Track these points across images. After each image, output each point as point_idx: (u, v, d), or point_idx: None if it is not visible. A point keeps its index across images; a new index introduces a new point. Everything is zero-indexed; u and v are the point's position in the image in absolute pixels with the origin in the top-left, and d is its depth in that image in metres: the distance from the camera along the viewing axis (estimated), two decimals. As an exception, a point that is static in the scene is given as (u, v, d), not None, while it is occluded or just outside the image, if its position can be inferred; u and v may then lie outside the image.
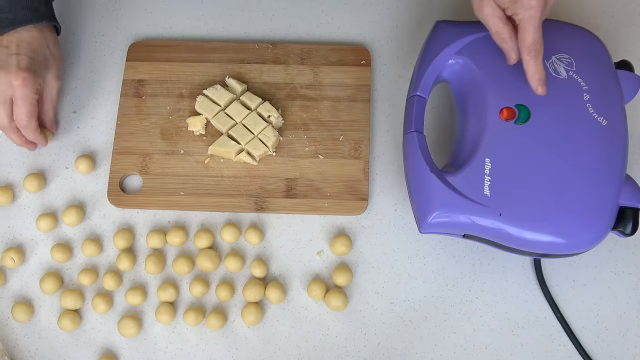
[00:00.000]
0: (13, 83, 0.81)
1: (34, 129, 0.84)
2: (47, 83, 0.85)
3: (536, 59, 0.75)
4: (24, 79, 0.81)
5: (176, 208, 0.87)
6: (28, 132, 0.84)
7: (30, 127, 0.83)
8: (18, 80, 0.80)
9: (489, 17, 0.77)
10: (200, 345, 0.82)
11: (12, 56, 0.81)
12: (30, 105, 0.82)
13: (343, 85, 0.91)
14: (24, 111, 0.82)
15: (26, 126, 0.83)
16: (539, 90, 0.76)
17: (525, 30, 0.74)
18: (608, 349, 0.81)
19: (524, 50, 0.75)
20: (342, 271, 0.83)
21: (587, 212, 0.74)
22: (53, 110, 0.87)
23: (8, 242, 0.87)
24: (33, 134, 0.84)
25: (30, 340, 0.83)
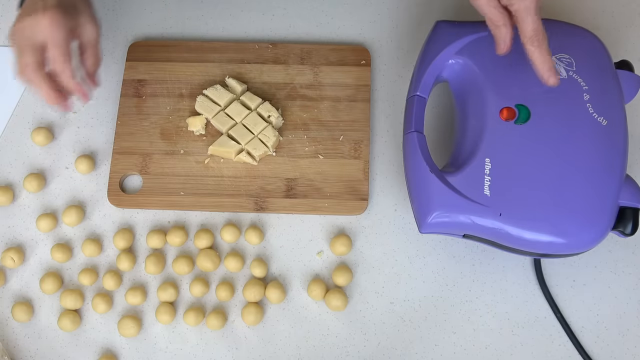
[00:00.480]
0: (42, 24, 0.72)
1: (69, 75, 0.74)
2: (82, 26, 0.76)
3: (540, 48, 0.73)
4: (52, 18, 0.72)
5: (176, 208, 0.87)
6: (63, 77, 0.75)
7: (65, 73, 0.74)
8: (46, 19, 0.72)
9: (484, 6, 0.75)
10: (200, 345, 0.82)
11: (39, 1, 0.73)
12: (64, 46, 0.73)
13: (343, 85, 0.91)
14: (57, 53, 0.73)
15: (62, 71, 0.74)
16: (550, 80, 0.74)
17: (524, 20, 0.73)
18: (608, 349, 0.81)
19: (527, 41, 0.73)
20: (342, 271, 0.83)
21: (587, 212, 0.74)
22: (94, 57, 0.78)
23: (8, 242, 0.87)
24: (68, 81, 0.75)
25: (30, 340, 0.83)
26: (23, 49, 0.75)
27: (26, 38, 0.74)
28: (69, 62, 0.75)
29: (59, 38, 0.73)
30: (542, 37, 0.73)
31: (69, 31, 0.74)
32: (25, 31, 0.74)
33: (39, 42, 0.74)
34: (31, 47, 0.74)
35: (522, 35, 0.74)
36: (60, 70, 0.75)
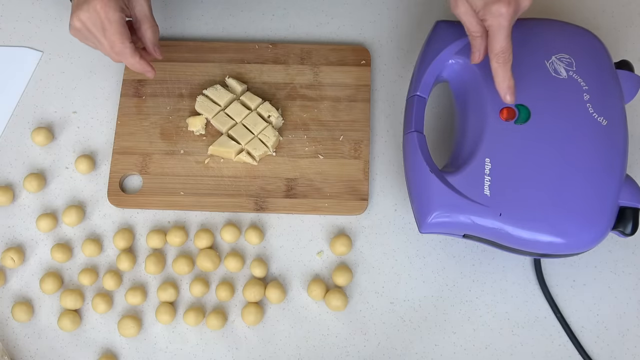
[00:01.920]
0: (96, 8, 0.75)
1: (130, 53, 0.77)
2: (136, 7, 0.79)
3: (505, 66, 0.75)
4: (103, 2, 0.75)
5: (176, 208, 0.87)
6: (126, 58, 0.78)
7: (126, 52, 0.77)
8: (98, 3, 0.75)
9: (463, 15, 0.76)
10: (200, 345, 0.82)
11: None
12: (119, 26, 0.76)
13: (343, 85, 0.91)
14: (113, 33, 0.76)
15: (121, 51, 0.77)
16: (507, 98, 0.76)
17: (494, 37, 0.74)
18: (608, 349, 0.81)
19: (493, 56, 0.75)
20: (342, 271, 0.83)
21: (587, 212, 0.74)
22: (151, 30, 0.80)
23: (8, 242, 0.87)
24: (131, 59, 0.78)
25: (30, 340, 0.83)
26: (98, 37, 0.78)
27: (92, 26, 0.77)
28: (126, 39, 0.77)
29: (113, 18, 0.76)
30: (508, 57, 0.75)
31: (121, 10, 0.77)
32: (88, 22, 0.76)
33: (100, 24, 0.76)
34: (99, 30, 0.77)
35: (490, 49, 0.75)
36: (119, 51, 0.77)
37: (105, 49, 0.78)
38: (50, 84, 0.93)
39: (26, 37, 0.96)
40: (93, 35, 0.78)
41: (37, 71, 0.94)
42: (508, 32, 0.74)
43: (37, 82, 0.94)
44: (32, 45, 0.95)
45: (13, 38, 0.96)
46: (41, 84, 0.93)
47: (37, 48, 0.95)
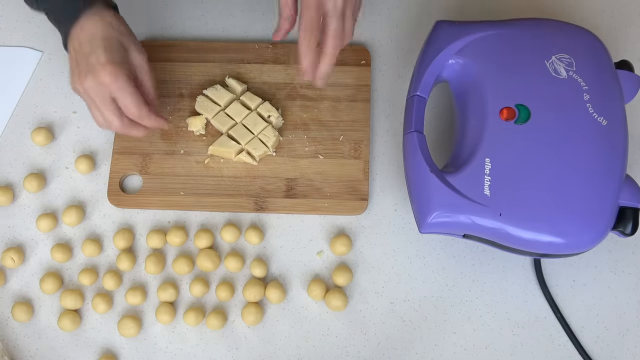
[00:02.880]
0: (104, 81, 0.76)
1: (147, 114, 0.78)
2: (134, 63, 0.80)
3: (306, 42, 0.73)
4: (111, 73, 0.75)
5: (176, 208, 0.87)
6: (144, 120, 0.79)
7: (143, 115, 0.78)
8: (106, 76, 0.75)
9: None
10: (200, 345, 0.82)
11: (90, 55, 0.76)
12: (132, 94, 0.77)
13: (343, 85, 0.91)
14: (129, 102, 0.77)
15: (139, 116, 0.78)
16: (305, 76, 0.76)
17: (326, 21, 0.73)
18: (608, 349, 0.81)
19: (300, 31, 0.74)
20: (342, 271, 0.83)
21: (587, 212, 0.74)
22: (152, 86, 0.82)
23: (8, 242, 0.87)
24: (149, 120, 0.79)
25: (30, 340, 0.83)
26: (98, 105, 0.78)
27: (95, 95, 0.77)
28: (142, 104, 0.78)
29: (124, 87, 0.76)
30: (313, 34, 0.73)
31: (128, 77, 0.77)
32: (92, 91, 0.77)
33: (107, 96, 0.77)
34: (104, 102, 0.77)
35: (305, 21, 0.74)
36: (137, 116, 0.78)
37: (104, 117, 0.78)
38: (50, 84, 0.93)
39: (26, 37, 0.96)
40: (93, 103, 0.78)
41: (37, 71, 0.94)
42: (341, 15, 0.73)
43: (37, 82, 0.94)
44: (32, 45, 0.95)
45: (13, 38, 0.96)
46: (41, 84, 0.93)
47: (37, 48, 0.95)
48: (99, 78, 0.76)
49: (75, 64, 0.78)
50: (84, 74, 0.76)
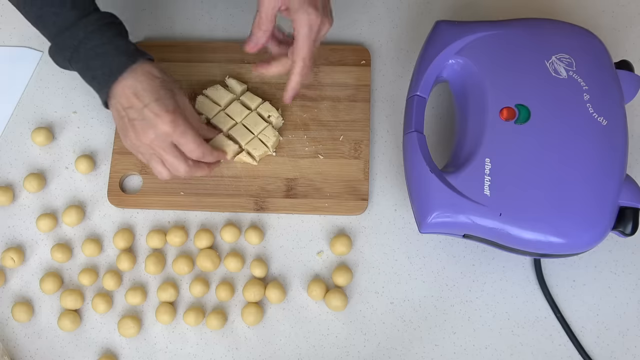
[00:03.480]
0: (166, 131, 0.76)
1: (209, 152, 0.80)
2: (183, 106, 0.79)
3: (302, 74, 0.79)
4: (171, 121, 0.75)
5: (176, 208, 0.87)
6: (207, 157, 0.80)
7: (206, 153, 0.79)
8: (167, 126, 0.75)
9: (266, 3, 0.76)
10: (200, 345, 0.82)
11: (144, 110, 0.76)
12: (193, 136, 0.77)
13: (343, 85, 0.91)
14: (193, 144, 0.77)
15: (202, 155, 0.79)
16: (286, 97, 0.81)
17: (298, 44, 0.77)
18: (608, 349, 0.81)
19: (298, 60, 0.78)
20: (342, 271, 0.83)
21: (587, 212, 0.74)
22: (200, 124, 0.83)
23: (8, 242, 0.87)
24: (212, 156, 0.81)
25: (30, 340, 0.83)
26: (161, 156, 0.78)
27: (158, 147, 0.77)
28: (203, 144, 0.79)
29: (186, 132, 0.77)
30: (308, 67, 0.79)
31: (185, 119, 0.77)
32: (154, 144, 0.77)
33: (170, 144, 0.77)
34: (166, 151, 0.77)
35: (296, 53, 0.78)
36: (201, 156, 0.79)
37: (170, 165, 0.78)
38: (50, 84, 0.93)
39: (26, 37, 0.96)
40: (154, 155, 0.78)
41: (37, 71, 0.94)
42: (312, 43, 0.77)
43: (37, 82, 0.94)
44: (32, 45, 0.95)
45: (13, 38, 0.96)
46: (41, 84, 0.93)
47: (37, 48, 0.95)
48: (159, 129, 0.76)
49: (127, 121, 0.77)
50: (142, 129, 0.76)
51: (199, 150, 0.78)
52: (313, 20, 0.76)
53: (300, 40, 0.77)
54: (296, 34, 0.77)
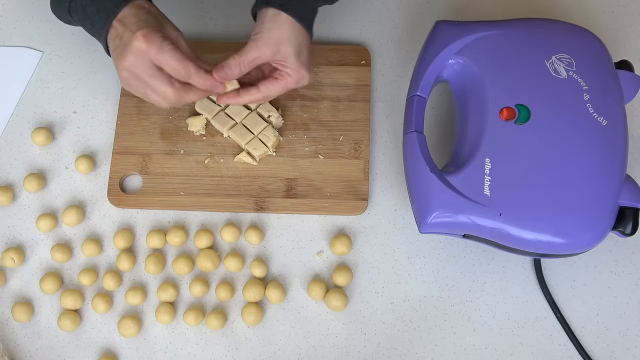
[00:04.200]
0: (141, 48, 0.71)
1: (195, 71, 0.73)
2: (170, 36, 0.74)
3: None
4: (144, 36, 0.71)
5: (176, 208, 0.87)
6: (192, 77, 0.73)
7: (191, 71, 0.73)
8: (141, 42, 0.71)
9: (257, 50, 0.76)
10: (200, 345, 0.82)
11: (125, 33, 0.73)
12: (172, 51, 0.72)
13: (343, 85, 0.91)
14: (173, 60, 0.72)
15: (187, 73, 0.73)
16: None
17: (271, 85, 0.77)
18: (608, 349, 0.81)
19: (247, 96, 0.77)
20: (342, 271, 0.83)
21: (587, 212, 0.74)
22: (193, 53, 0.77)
23: (8, 242, 0.87)
24: (199, 77, 0.73)
25: (30, 340, 0.83)
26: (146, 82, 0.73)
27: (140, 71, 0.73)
28: (188, 61, 0.73)
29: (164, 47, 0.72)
30: None
31: (164, 37, 0.73)
32: (134, 67, 0.73)
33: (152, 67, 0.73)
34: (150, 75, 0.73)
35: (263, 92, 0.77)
36: (185, 75, 0.73)
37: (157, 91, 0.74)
38: (50, 84, 0.93)
39: (26, 37, 0.96)
40: (141, 82, 0.74)
41: (37, 71, 0.94)
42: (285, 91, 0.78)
43: (37, 82, 0.94)
44: (32, 45, 0.95)
45: (13, 38, 0.96)
46: (41, 84, 0.93)
47: (37, 48, 0.95)
48: (134, 47, 0.71)
49: (113, 54, 0.75)
50: (122, 54, 0.72)
51: (181, 66, 0.72)
52: (301, 80, 0.77)
53: (277, 84, 0.77)
54: (278, 76, 0.77)
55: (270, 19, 0.75)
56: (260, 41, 0.75)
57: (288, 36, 0.76)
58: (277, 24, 0.75)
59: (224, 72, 0.76)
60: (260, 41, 0.75)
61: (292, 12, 0.75)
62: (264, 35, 0.75)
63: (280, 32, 0.75)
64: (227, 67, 0.76)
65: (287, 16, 0.75)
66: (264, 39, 0.75)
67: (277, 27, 0.75)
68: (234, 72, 0.76)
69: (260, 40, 0.75)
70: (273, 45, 0.75)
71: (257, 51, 0.75)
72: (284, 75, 0.77)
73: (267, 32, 0.75)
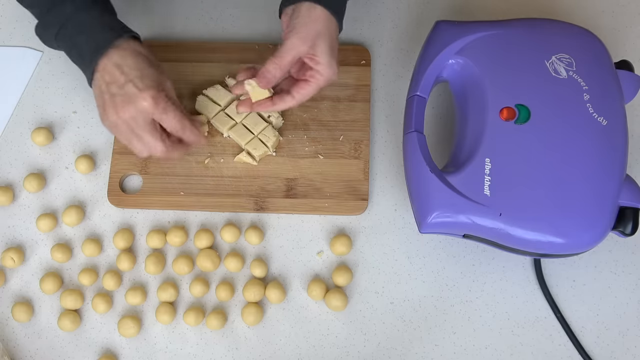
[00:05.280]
0: (146, 108, 0.74)
1: (190, 127, 0.77)
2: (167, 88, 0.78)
3: None
4: (153, 97, 0.74)
5: (176, 208, 0.87)
6: (187, 133, 0.78)
7: (186, 128, 0.77)
8: (148, 102, 0.74)
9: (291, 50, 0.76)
10: (200, 345, 0.82)
11: (127, 84, 0.75)
12: (175, 111, 0.76)
13: (343, 85, 0.91)
14: (174, 120, 0.76)
15: (182, 128, 0.77)
16: None
17: (304, 89, 0.77)
18: (608, 349, 0.81)
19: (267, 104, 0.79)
20: (342, 271, 0.83)
21: (587, 212, 0.74)
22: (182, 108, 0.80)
23: (8, 242, 0.87)
24: (192, 132, 0.78)
25: (30, 340, 0.83)
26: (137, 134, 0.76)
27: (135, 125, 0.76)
28: (184, 118, 0.77)
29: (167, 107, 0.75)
30: None
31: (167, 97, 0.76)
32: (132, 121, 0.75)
33: (149, 122, 0.76)
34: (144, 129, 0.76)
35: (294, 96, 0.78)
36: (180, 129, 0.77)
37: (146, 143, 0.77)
38: (50, 84, 0.93)
39: (26, 37, 0.96)
40: (132, 133, 0.76)
41: (37, 71, 0.94)
42: (310, 94, 0.78)
43: (37, 82, 0.94)
44: (32, 45, 0.95)
45: (13, 38, 0.96)
46: (41, 84, 0.93)
47: (37, 48, 0.95)
48: (139, 106, 0.74)
49: (108, 97, 0.76)
50: (122, 105, 0.75)
51: (179, 125, 0.76)
52: (332, 76, 0.76)
53: (310, 87, 0.77)
54: (309, 78, 0.76)
55: (305, 13, 0.75)
56: (296, 37, 0.75)
57: (323, 30, 0.75)
58: (312, 17, 0.75)
59: (266, 78, 0.76)
60: (296, 37, 0.75)
61: (327, 4, 0.75)
62: (300, 29, 0.75)
63: (316, 25, 0.75)
64: (267, 73, 0.76)
65: (322, 9, 0.75)
66: (300, 33, 0.75)
67: (312, 20, 0.75)
68: (276, 76, 0.76)
69: (295, 36, 0.75)
70: (310, 40, 0.75)
71: (294, 49, 0.75)
72: (315, 75, 0.76)
73: (303, 26, 0.75)
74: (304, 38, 0.74)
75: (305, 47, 0.75)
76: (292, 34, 0.75)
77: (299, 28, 0.75)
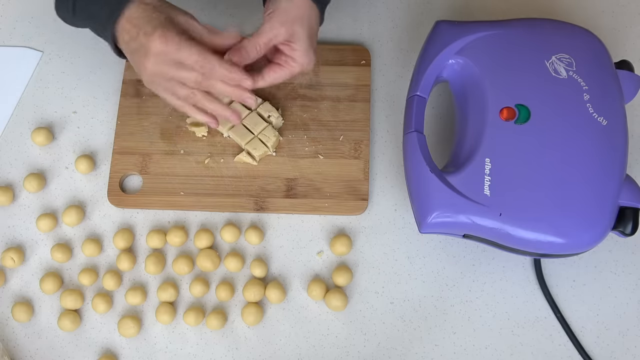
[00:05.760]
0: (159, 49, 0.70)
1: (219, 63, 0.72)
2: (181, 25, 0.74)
3: None
4: (160, 36, 0.70)
5: (176, 208, 0.87)
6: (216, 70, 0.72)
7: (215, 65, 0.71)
8: (157, 42, 0.70)
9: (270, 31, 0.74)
10: (200, 345, 0.82)
11: (139, 36, 0.71)
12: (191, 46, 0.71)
13: (343, 85, 0.91)
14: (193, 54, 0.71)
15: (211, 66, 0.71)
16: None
17: (276, 71, 0.75)
18: (608, 349, 0.81)
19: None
20: (342, 271, 0.83)
21: (587, 212, 0.74)
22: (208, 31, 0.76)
23: (8, 242, 0.87)
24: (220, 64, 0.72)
25: (30, 340, 0.83)
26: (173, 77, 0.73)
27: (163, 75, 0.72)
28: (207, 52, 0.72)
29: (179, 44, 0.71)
30: None
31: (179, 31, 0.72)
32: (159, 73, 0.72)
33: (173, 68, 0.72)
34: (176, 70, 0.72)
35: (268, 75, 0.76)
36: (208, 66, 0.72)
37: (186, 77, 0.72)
38: (50, 84, 0.93)
39: (26, 37, 0.96)
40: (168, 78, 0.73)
41: (37, 71, 0.94)
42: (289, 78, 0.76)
43: (37, 82, 0.94)
44: (32, 45, 0.95)
45: (13, 38, 0.96)
46: (41, 84, 0.94)
47: (37, 48, 0.95)
48: (153, 50, 0.71)
49: (134, 57, 0.73)
50: (143, 58, 0.72)
51: (201, 58, 0.71)
52: (308, 65, 0.76)
53: (283, 72, 0.75)
54: (283, 63, 0.75)
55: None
56: (275, 20, 0.74)
57: (303, 17, 0.74)
58: (294, 3, 0.74)
59: (241, 55, 0.74)
60: (276, 20, 0.74)
61: None
62: (280, 13, 0.74)
63: (297, 11, 0.74)
64: (243, 50, 0.74)
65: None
66: (280, 17, 0.74)
67: (294, 5, 0.74)
68: (250, 54, 0.75)
69: (275, 19, 0.74)
70: (289, 25, 0.74)
71: (273, 31, 0.74)
72: (289, 62, 0.75)
73: (284, 10, 0.74)
74: (283, 22, 0.74)
75: (285, 31, 0.74)
76: (272, 16, 0.74)
77: (279, 12, 0.74)
